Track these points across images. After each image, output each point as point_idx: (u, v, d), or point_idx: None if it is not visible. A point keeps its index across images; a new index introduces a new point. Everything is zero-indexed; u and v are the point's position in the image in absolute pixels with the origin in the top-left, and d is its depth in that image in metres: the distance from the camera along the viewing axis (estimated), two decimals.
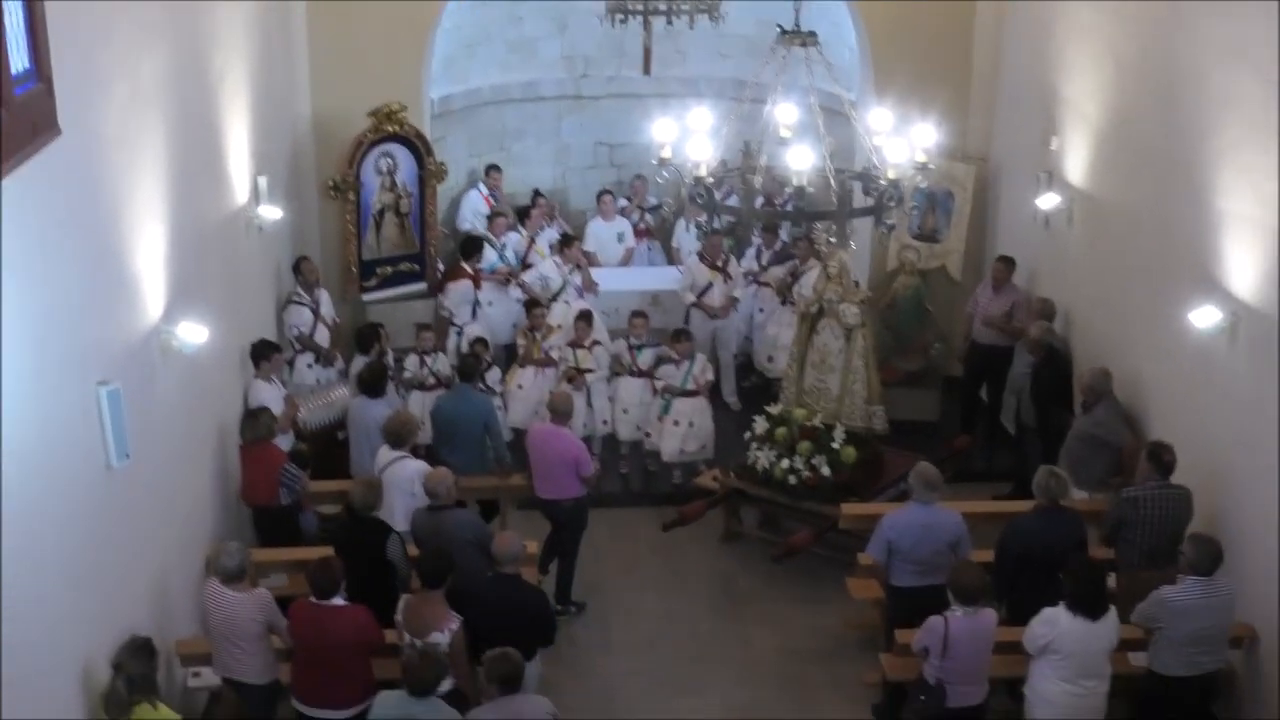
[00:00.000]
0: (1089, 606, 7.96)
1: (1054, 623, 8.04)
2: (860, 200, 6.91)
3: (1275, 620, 8.56)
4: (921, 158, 6.47)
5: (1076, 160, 11.94)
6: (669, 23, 12.00)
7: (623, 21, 12.05)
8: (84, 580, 7.18)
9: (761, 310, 14.68)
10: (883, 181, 6.50)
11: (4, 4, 6.18)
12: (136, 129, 8.54)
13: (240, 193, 11.52)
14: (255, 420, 10.20)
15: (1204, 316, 9.18)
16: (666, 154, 6.75)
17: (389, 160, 13.86)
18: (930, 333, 13.95)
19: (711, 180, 6.42)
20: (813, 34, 6.79)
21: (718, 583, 11.54)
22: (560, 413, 10.80)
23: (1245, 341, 8.98)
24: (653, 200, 16.84)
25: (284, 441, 10.85)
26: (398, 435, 10.39)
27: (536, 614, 8.59)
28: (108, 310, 7.89)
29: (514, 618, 8.33)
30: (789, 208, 6.82)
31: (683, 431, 12.70)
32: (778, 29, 6.94)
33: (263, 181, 12.04)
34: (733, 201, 7.44)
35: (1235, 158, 9.05)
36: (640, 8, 11.86)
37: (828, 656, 10.48)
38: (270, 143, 12.64)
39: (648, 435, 12.92)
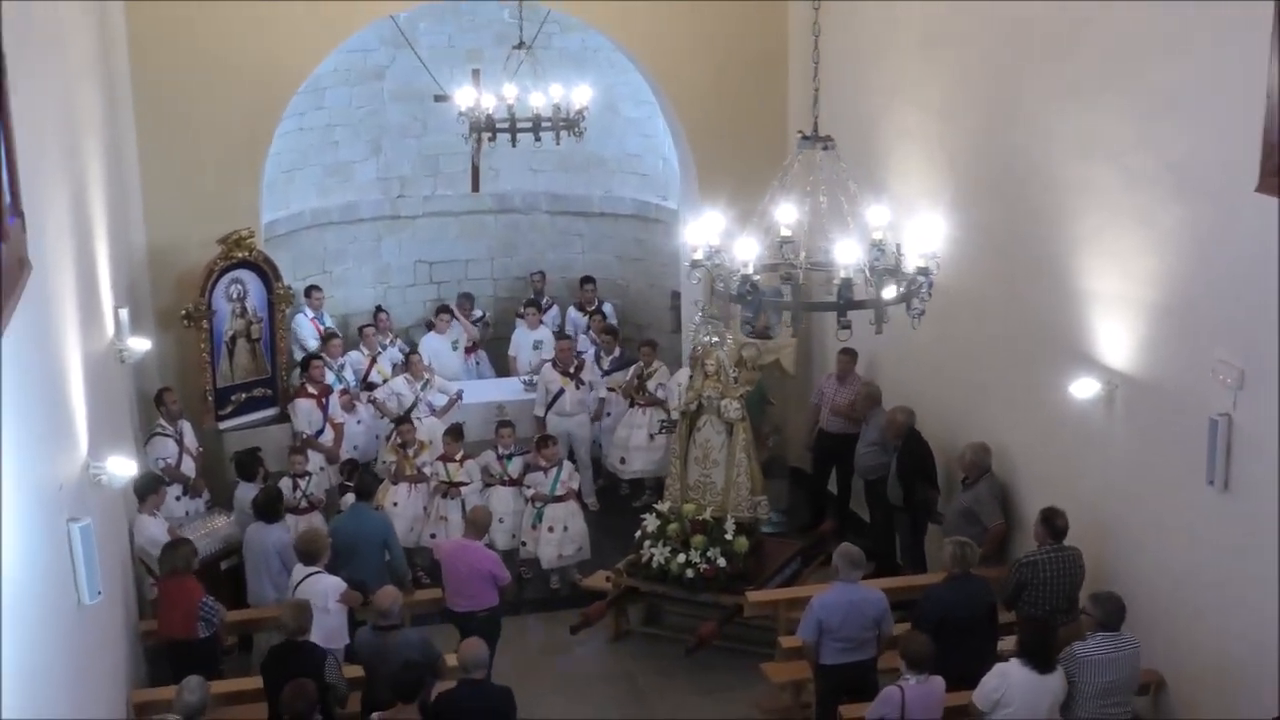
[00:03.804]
0: (1040, 659, 8.47)
1: (1005, 675, 8.52)
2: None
3: (1181, 666, 9.29)
4: (927, 253, 6.97)
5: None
6: (536, 139, 12.33)
7: (491, 140, 12.33)
8: None
9: (609, 414, 15.06)
10: (912, 270, 6.97)
11: None
12: (58, 261, 8.40)
13: (109, 325, 11.29)
14: (174, 552, 10.00)
15: (1083, 388, 9.97)
16: (698, 256, 7.07)
17: (239, 286, 13.75)
18: (768, 425, 14.53)
19: (758, 278, 6.77)
20: (830, 138, 7.26)
21: (621, 683, 11.70)
22: (478, 526, 10.95)
23: (1121, 407, 9.81)
24: (478, 313, 17.13)
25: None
26: (310, 552, 10.33)
27: (508, 710, 8.77)
28: (62, 445, 7.70)
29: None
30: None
31: (558, 537, 12.91)
32: (799, 135, 7.40)
33: (124, 314, 11.80)
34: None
35: (1097, 242, 9.92)
36: (505, 126, 12.14)
37: None
38: (116, 274, 12.42)
39: (523, 544, 13.06)
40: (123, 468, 8.80)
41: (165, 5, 13.17)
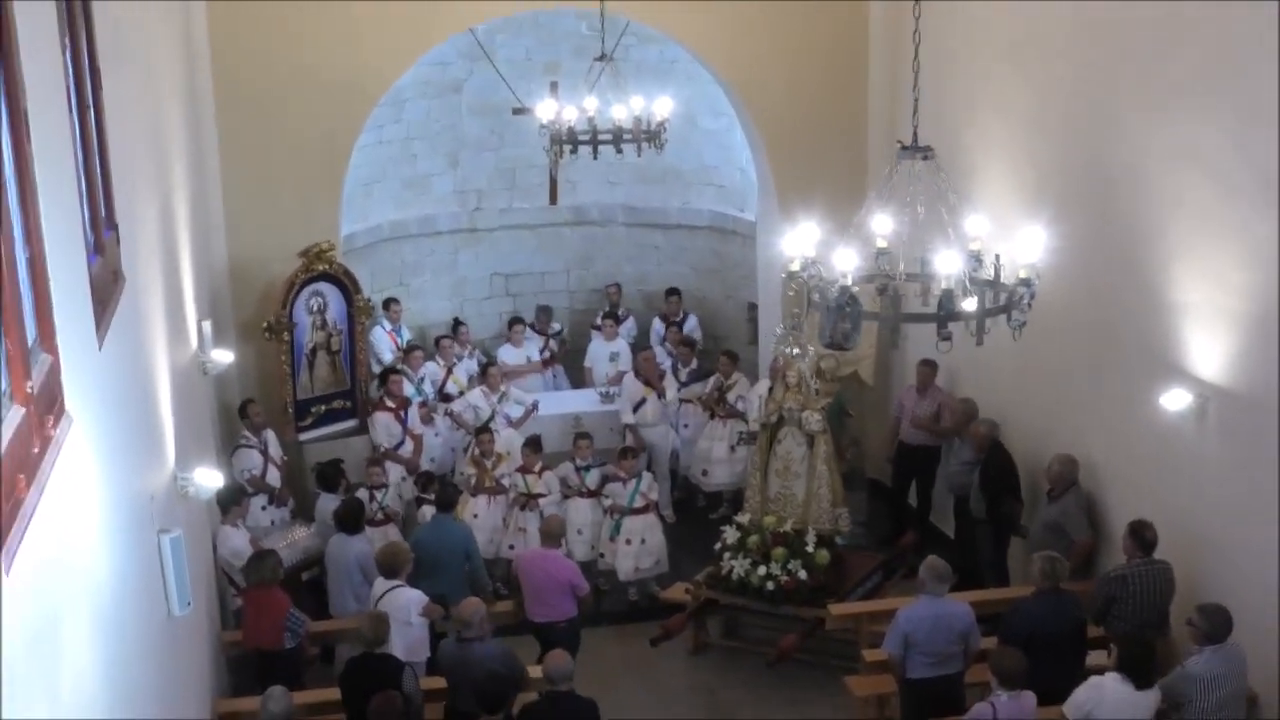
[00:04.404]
0: (1138, 673, 8.32)
1: (1099, 688, 8.38)
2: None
3: (1273, 680, 9.09)
4: (1029, 264, 6.89)
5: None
6: (618, 151, 12.31)
7: (573, 152, 12.32)
8: None
9: (686, 426, 15.01)
10: (1011, 282, 6.89)
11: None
12: (148, 274, 8.49)
13: (193, 338, 11.41)
14: (261, 563, 10.08)
15: (1174, 400, 9.81)
16: (795, 267, 7.03)
17: (319, 299, 13.86)
18: (847, 437, 14.42)
19: (857, 289, 6.72)
20: (930, 148, 7.20)
21: (701, 696, 11.65)
22: (553, 536, 10.95)
23: (1215, 420, 9.63)
24: (555, 326, 17.16)
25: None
26: (392, 565, 10.34)
27: None
28: (152, 457, 7.77)
29: None
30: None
31: (635, 550, 12.86)
32: (898, 145, 7.34)
33: (207, 326, 11.92)
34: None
35: (1190, 253, 9.76)
36: (587, 138, 12.13)
37: None
38: (199, 287, 12.55)
39: (601, 555, 13.04)
40: (209, 479, 8.87)
41: (247, 20, 13.33)
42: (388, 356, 15.46)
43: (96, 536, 5.55)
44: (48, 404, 4.61)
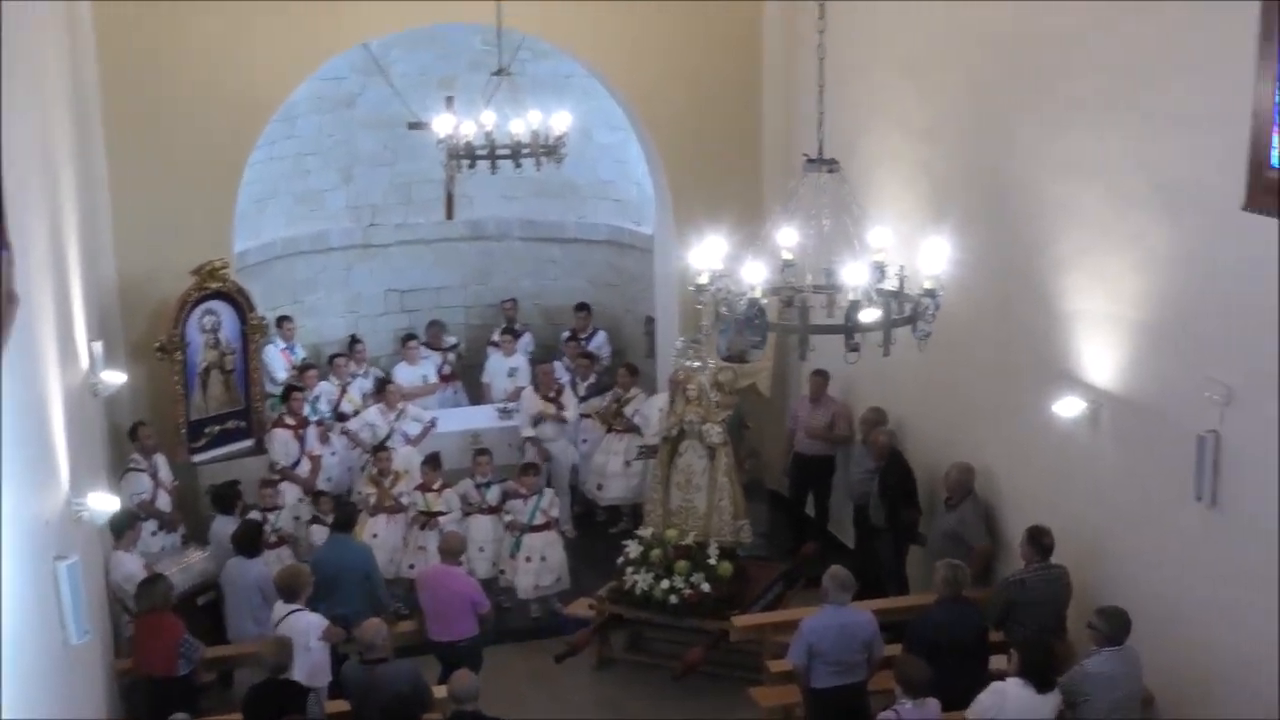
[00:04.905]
0: (1038, 677, 8.46)
1: (1001, 694, 8.52)
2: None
3: (1169, 682, 9.26)
4: (933, 275, 6.96)
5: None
6: (517, 166, 12.27)
7: (471, 167, 12.25)
8: None
9: (585, 440, 14.99)
10: (917, 293, 6.96)
11: None
12: (40, 294, 8.28)
13: (84, 359, 11.15)
14: (152, 588, 9.89)
15: (1068, 406, 10.01)
16: (703, 280, 7.04)
17: (213, 318, 13.64)
18: (745, 449, 14.48)
19: (766, 301, 6.74)
20: (835, 161, 7.25)
21: (608, 710, 11.62)
22: (453, 553, 10.86)
23: (1107, 425, 9.83)
24: (450, 340, 17.04)
25: None
26: (291, 588, 10.20)
27: None
28: (47, 481, 7.58)
29: None
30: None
31: (535, 567, 12.81)
32: (804, 157, 7.38)
33: (98, 347, 11.66)
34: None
35: (1083, 263, 9.96)
36: (485, 153, 12.08)
37: None
38: (89, 307, 12.28)
39: (502, 572, 12.96)
40: (104, 503, 8.67)
41: (137, 34, 13.09)
42: (282, 375, 15.27)
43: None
44: None
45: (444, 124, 12.59)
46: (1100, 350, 9.82)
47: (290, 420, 13.62)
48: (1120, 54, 9.39)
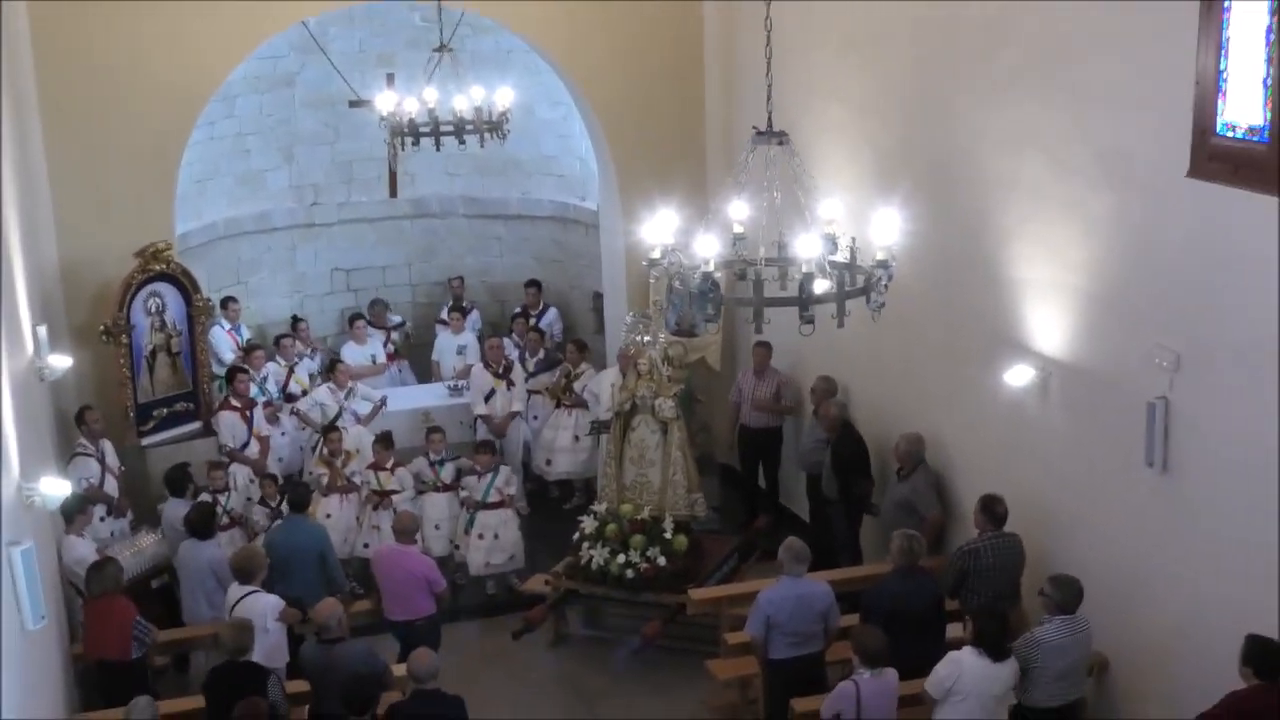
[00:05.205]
0: (993, 647, 8.54)
1: (958, 663, 8.59)
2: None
3: (1123, 648, 9.40)
4: (884, 251, 7.00)
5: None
6: (461, 143, 12.22)
7: (415, 144, 12.19)
8: None
9: (535, 417, 14.99)
10: (869, 264, 7.00)
11: None
12: None
13: (29, 343, 11.02)
14: (101, 572, 9.81)
15: (1017, 375, 10.09)
16: (656, 254, 7.04)
17: (158, 300, 13.50)
18: (696, 423, 14.54)
19: (720, 275, 6.74)
20: (785, 133, 7.26)
21: (566, 685, 11.65)
22: (406, 532, 10.85)
23: (1057, 393, 9.93)
24: (395, 319, 16.97)
25: None
26: (247, 570, 10.14)
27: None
28: None
29: None
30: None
31: (487, 544, 12.82)
32: (754, 130, 7.38)
33: (42, 331, 11.52)
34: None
35: (1028, 232, 10.04)
36: (428, 130, 12.01)
37: None
38: (31, 291, 12.13)
39: (457, 548, 12.97)
40: (55, 488, 8.56)
41: (71, 15, 12.90)
42: (228, 356, 15.16)
43: None
44: None
45: (386, 101, 12.52)
46: (1048, 318, 9.91)
47: (236, 402, 13.53)
48: (1057, 23, 9.44)
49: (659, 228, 7.02)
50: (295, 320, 16.20)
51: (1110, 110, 8.98)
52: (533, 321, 16.26)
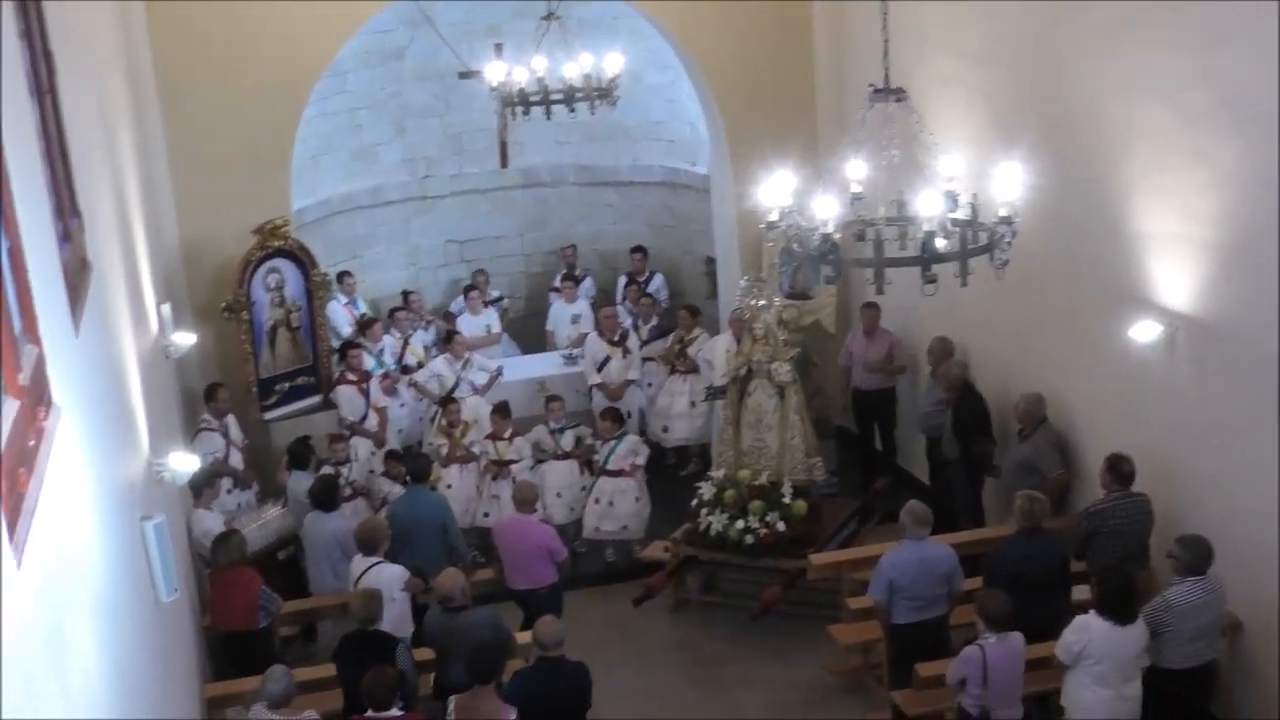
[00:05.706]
0: (1120, 612, 8.36)
1: (1085, 628, 8.43)
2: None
3: (1257, 608, 9.16)
4: (1006, 207, 6.87)
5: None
6: (571, 111, 12.21)
7: (525, 113, 12.20)
8: None
9: (650, 384, 14.99)
10: (992, 221, 6.88)
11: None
12: (110, 260, 8.35)
13: (154, 322, 11.25)
14: (226, 543, 10.00)
15: (1143, 331, 9.82)
16: (773, 217, 6.98)
17: (277, 276, 13.69)
18: (811, 386, 14.41)
19: (838, 236, 6.67)
20: (903, 90, 7.16)
21: (685, 651, 11.67)
22: (526, 502, 10.90)
23: (1184, 349, 9.67)
24: (494, 293, 17.02)
25: None
26: (371, 542, 10.27)
27: (585, 687, 8.77)
28: (129, 443, 7.66)
29: (568, 699, 8.44)
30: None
31: (600, 510, 12.87)
32: (870, 88, 7.28)
33: (166, 309, 11.75)
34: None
35: (1152, 183, 9.78)
36: (538, 99, 12.01)
37: (819, 704, 10.72)
38: (155, 271, 12.37)
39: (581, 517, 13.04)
40: (184, 463, 8.76)
41: (183, 2, 13.06)
42: (346, 330, 15.34)
43: (90, 527, 5.46)
44: (38, 395, 4.51)
45: (496, 71, 12.53)
46: (1174, 272, 9.64)
47: (351, 376, 13.68)
48: None
49: (776, 190, 6.94)
50: (405, 294, 16.32)
51: (1235, 52, 8.67)
52: (640, 287, 16.22)
